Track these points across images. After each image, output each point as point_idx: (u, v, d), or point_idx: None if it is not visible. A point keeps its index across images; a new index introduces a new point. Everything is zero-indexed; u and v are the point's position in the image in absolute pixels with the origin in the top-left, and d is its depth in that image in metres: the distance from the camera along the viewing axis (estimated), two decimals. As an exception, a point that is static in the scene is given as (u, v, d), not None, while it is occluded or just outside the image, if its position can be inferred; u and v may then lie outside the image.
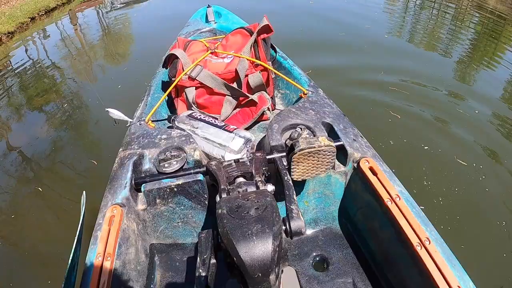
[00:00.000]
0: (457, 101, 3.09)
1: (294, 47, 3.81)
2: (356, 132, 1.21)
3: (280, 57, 1.79)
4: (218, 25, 2.28)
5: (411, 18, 6.83)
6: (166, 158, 1.08)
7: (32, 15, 9.43)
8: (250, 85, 1.44)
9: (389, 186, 0.98)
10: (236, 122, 1.46)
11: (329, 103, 1.36)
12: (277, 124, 1.17)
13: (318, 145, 0.94)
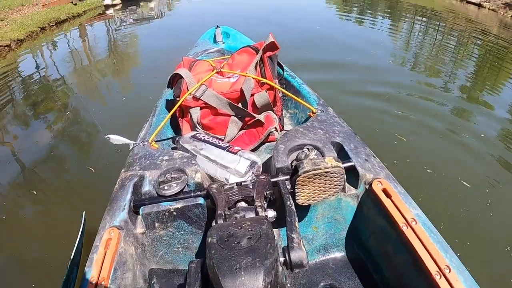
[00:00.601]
0: (461, 124, 3.08)
1: (301, 68, 3.86)
2: (368, 151, 1.15)
3: (288, 76, 1.75)
4: (226, 45, 2.27)
5: (414, 43, 6.86)
6: (166, 180, 1.04)
7: (42, 25, 9.59)
8: (256, 105, 1.39)
9: (404, 209, 0.91)
10: (242, 144, 1.41)
11: (339, 122, 1.31)
12: (283, 144, 1.12)
13: (325, 166, 0.88)
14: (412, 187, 2.12)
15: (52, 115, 3.68)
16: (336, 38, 6.39)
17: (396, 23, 9.73)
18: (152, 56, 5.77)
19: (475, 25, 10.18)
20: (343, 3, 14.63)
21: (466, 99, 3.68)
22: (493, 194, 2.19)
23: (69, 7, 12.56)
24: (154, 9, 13.36)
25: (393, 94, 3.50)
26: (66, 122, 3.43)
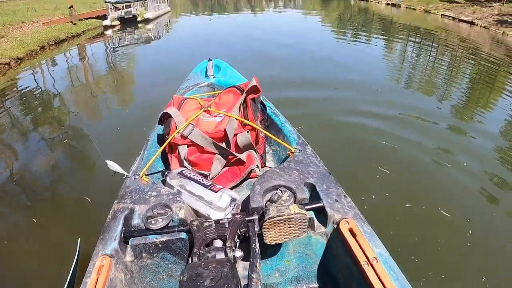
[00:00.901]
0: (444, 155, 3.18)
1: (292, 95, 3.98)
2: (340, 191, 1.22)
3: (272, 114, 1.85)
4: (216, 79, 2.38)
5: (407, 66, 7.05)
6: (153, 216, 1.14)
7: (42, 44, 9.78)
8: (238, 145, 1.49)
9: (367, 248, 0.98)
10: (225, 180, 1.51)
11: (315, 162, 1.40)
12: (260, 185, 1.20)
13: (288, 213, 0.97)
14: (388, 221, 2.23)
15: (52, 140, 3.76)
16: (327, 62, 6.57)
17: (390, 43, 9.96)
18: (149, 77, 5.90)
19: (468, 43, 10.36)
20: (338, 25, 15.02)
21: (452, 130, 3.80)
22: (474, 223, 2.28)
23: (69, 26, 12.79)
24: (151, 31, 13.70)
25: (380, 126, 3.62)
26: (65, 148, 3.51)
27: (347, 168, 2.86)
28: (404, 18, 22.85)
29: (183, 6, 35.90)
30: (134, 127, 3.61)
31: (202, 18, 20.71)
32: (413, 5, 36.00)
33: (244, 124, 1.50)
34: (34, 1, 31.30)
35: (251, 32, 11.50)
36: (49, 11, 17.86)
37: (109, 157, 1.39)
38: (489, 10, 25.89)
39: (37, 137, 3.87)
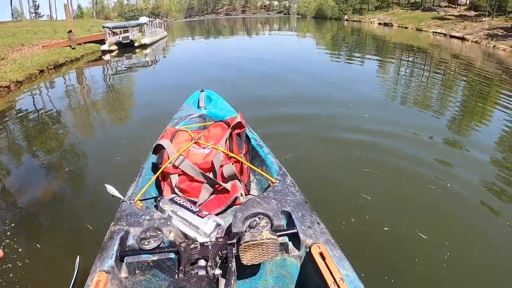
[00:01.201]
0: (427, 177, 3.30)
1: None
2: (314, 219, 1.37)
3: (257, 145, 2.03)
4: (208, 111, 2.57)
5: (402, 86, 7.25)
6: (146, 237, 1.30)
7: (41, 68, 9.98)
8: (224, 175, 1.66)
9: (335, 270, 1.11)
10: (212, 207, 1.67)
11: (293, 191, 1.55)
12: (241, 213, 1.36)
13: (260, 239, 1.13)
14: (366, 243, 2.36)
15: (51, 159, 3.87)
16: (319, 84, 6.81)
17: (383, 63, 10.22)
18: (146, 103, 6.06)
19: (460, 58, 10.61)
20: (332, 47, 15.40)
21: (435, 154, 3.93)
22: (452, 246, 2.37)
23: (68, 50, 13.04)
24: (149, 56, 13.97)
25: (365, 151, 3.78)
26: (65, 169, 3.61)
27: (331, 194, 3.00)
28: (397, 36, 23.42)
29: (179, 30, 36.62)
30: (130, 155, 3.72)
31: (198, 41, 21.16)
32: (405, 24, 37.07)
33: (230, 156, 1.68)
34: (33, 23, 31.85)
35: (246, 55, 11.84)
36: (48, 34, 18.16)
37: (107, 181, 1.55)
38: (479, 24, 26.66)
39: (37, 161, 3.96)
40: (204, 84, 3.03)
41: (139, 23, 19.04)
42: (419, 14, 41.46)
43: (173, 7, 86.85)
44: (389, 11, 51.30)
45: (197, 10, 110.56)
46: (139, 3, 77.67)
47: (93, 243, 1.62)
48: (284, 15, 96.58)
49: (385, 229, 2.53)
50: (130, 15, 65.10)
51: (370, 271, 2.10)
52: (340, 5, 60.19)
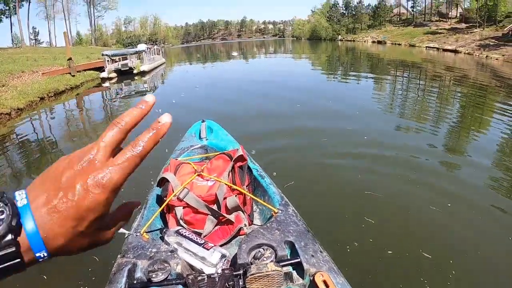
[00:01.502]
0: (428, 199, 3.33)
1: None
2: (317, 247, 1.42)
3: (259, 176, 2.09)
4: (209, 142, 2.64)
5: (399, 105, 7.35)
6: (154, 270, 1.33)
7: (41, 95, 10.11)
8: (227, 207, 1.72)
9: None
10: (217, 238, 1.71)
11: (296, 221, 1.60)
12: (245, 244, 1.40)
13: (266, 271, 1.18)
14: (370, 268, 2.39)
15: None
16: (315, 110, 6.90)
17: (379, 80, 10.37)
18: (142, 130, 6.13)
19: (454, 71, 10.73)
20: (328, 67, 15.62)
21: (434, 172, 4.02)
22: (456, 264, 2.40)
23: (68, 78, 13.20)
24: (147, 83, 14.15)
25: (365, 175, 3.84)
26: None
27: (334, 220, 3.03)
28: (391, 53, 23.72)
29: (177, 56, 37.17)
30: (134, 185, 3.73)
31: (195, 66, 21.45)
32: (398, 41, 37.88)
33: (233, 188, 1.74)
34: (33, 50, 32.32)
35: (242, 77, 12.02)
36: (48, 61, 18.41)
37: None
38: (471, 36, 27.29)
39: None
40: (203, 110, 3.10)
41: (138, 50, 19.40)
42: (411, 30, 42.48)
43: (170, 33, 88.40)
44: (381, 29, 52.53)
45: (194, 35, 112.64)
46: (136, 29, 79.00)
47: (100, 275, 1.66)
48: (279, 38, 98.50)
49: (388, 252, 2.56)
50: (128, 42, 66.24)
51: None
52: (334, 26, 61.62)
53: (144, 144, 0.36)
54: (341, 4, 64.56)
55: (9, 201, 0.32)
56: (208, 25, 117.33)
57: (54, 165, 0.35)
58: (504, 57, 17.65)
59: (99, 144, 0.35)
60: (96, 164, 0.34)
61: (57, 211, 0.32)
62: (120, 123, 0.36)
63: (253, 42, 78.12)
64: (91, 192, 0.32)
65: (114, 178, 0.33)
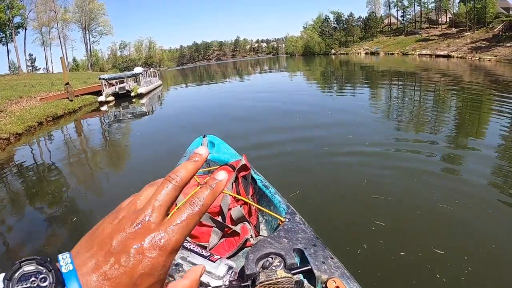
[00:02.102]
0: (436, 198, 3.32)
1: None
2: (327, 254, 1.37)
3: (263, 186, 2.06)
4: (211, 156, 2.60)
5: (396, 110, 7.40)
6: None
7: (40, 120, 10.13)
8: (232, 218, 1.69)
9: None
10: (223, 250, 1.67)
11: (304, 229, 1.56)
12: (253, 254, 1.35)
13: (276, 277, 1.12)
14: (383, 271, 2.34)
15: (50, 211, 3.84)
16: (315, 121, 6.95)
17: (374, 91, 10.45)
18: (145, 151, 6.10)
19: (448, 76, 10.80)
20: (323, 81, 15.73)
21: (441, 170, 4.04)
22: (471, 260, 2.36)
23: (66, 103, 13.27)
24: (145, 105, 14.21)
25: (370, 179, 3.83)
26: (73, 224, 3.57)
27: (344, 226, 2.99)
28: (384, 64, 23.91)
29: (173, 78, 37.48)
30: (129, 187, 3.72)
31: (192, 88, 21.58)
32: (390, 50, 38.35)
33: (237, 199, 1.72)
34: (30, 76, 32.55)
35: (240, 96, 12.08)
36: (45, 87, 18.54)
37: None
38: (462, 40, 27.59)
39: (40, 214, 3.95)
40: (203, 128, 3.10)
41: (134, 73, 19.50)
42: (403, 39, 43.13)
43: (165, 56, 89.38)
44: (373, 40, 53.32)
45: (189, 57, 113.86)
46: (132, 54, 79.79)
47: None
48: (273, 56, 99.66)
49: (401, 254, 2.52)
50: (124, 66, 66.78)
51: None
52: (326, 40, 62.46)
53: (202, 202, 0.33)
54: (332, 18, 65.53)
55: (53, 267, 0.29)
56: (202, 46, 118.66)
57: (101, 225, 0.33)
58: (496, 57, 17.83)
59: (153, 204, 0.32)
60: (152, 226, 0.31)
61: (107, 279, 0.29)
62: (175, 179, 0.34)
63: (247, 61, 78.92)
64: (146, 256, 0.30)
65: (173, 240, 0.31)
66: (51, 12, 56.13)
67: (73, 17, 59.68)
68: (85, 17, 60.13)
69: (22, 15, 48.77)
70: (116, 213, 0.34)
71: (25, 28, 50.71)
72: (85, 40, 62.12)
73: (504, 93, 8.36)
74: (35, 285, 0.27)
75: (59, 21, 57.72)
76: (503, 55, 18.05)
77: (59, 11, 57.36)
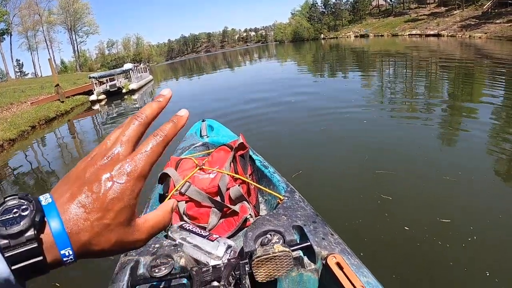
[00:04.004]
0: (439, 170, 3.32)
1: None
2: (327, 230, 1.36)
3: (262, 166, 2.05)
4: (210, 139, 2.63)
5: (388, 89, 7.43)
6: (157, 265, 1.26)
7: (32, 124, 10.03)
8: (231, 197, 1.68)
9: (354, 278, 1.08)
10: (222, 231, 1.66)
11: (303, 206, 1.55)
12: (251, 232, 1.35)
13: (273, 252, 1.11)
14: (386, 243, 2.35)
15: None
16: (310, 102, 6.96)
17: (366, 72, 10.45)
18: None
19: (439, 53, 10.83)
20: (314, 67, 15.69)
21: (441, 141, 4.08)
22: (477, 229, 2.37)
23: (57, 104, 13.15)
24: (138, 100, 14.13)
25: (372, 155, 3.83)
26: None
27: (347, 202, 3.00)
28: (375, 46, 23.80)
29: (163, 73, 37.19)
30: None
31: (182, 81, 21.44)
32: (380, 32, 38.27)
33: (235, 178, 1.70)
34: (19, 82, 32.25)
35: (232, 85, 12.01)
36: (35, 91, 18.37)
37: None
38: (451, 19, 27.58)
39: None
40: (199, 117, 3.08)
41: (124, 69, 19.37)
42: (392, 20, 43.00)
43: (153, 52, 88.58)
44: (362, 22, 53.09)
45: (178, 51, 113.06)
46: (120, 51, 79.05)
47: (105, 275, 1.60)
48: (262, 44, 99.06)
49: (405, 229, 2.51)
50: (113, 65, 66.15)
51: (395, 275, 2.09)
52: (315, 25, 62.18)
53: (166, 133, 0.37)
54: (320, 3, 65.15)
55: (33, 199, 0.31)
56: (191, 39, 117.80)
57: (76, 166, 0.35)
58: (486, 34, 17.91)
59: (121, 140, 0.35)
60: (120, 157, 0.34)
61: (82, 206, 0.32)
62: (140, 117, 0.37)
63: (237, 51, 78.37)
64: (116, 182, 0.33)
65: (139, 167, 0.34)
66: (35, 15, 55.49)
67: (58, 19, 59.00)
68: (70, 18, 59.39)
69: (6, 21, 48.20)
70: (89, 154, 0.36)
71: (10, 34, 50.14)
72: (72, 41, 61.52)
73: (497, 70, 8.34)
74: (17, 215, 0.30)
75: (44, 24, 57.07)
76: (493, 32, 18.10)
77: (43, 13, 56.69)
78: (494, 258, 2.13)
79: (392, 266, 2.20)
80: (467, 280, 2.02)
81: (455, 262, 2.13)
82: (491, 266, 2.06)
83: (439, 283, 2.03)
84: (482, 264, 2.09)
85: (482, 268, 2.06)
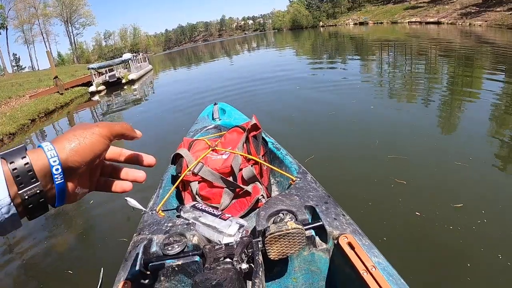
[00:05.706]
0: (450, 150, 3.35)
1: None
2: (339, 211, 1.37)
3: (275, 148, 2.05)
4: (222, 121, 2.63)
5: (387, 78, 7.40)
6: (170, 243, 1.29)
7: (32, 117, 9.96)
8: (244, 178, 1.67)
9: (365, 258, 1.09)
10: (234, 211, 1.67)
11: (315, 187, 1.56)
12: (264, 211, 1.35)
13: (286, 229, 1.11)
14: (398, 225, 2.36)
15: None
16: (315, 89, 6.91)
17: (365, 61, 10.39)
18: (151, 130, 6.10)
19: (440, 42, 10.73)
20: (313, 54, 15.60)
21: (447, 127, 4.06)
22: (488, 211, 2.37)
23: (56, 97, 13.09)
24: (138, 91, 14.00)
25: (383, 139, 3.83)
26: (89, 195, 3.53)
27: (358, 186, 2.99)
28: (374, 33, 23.60)
29: (161, 63, 36.96)
30: (150, 169, 3.68)
31: (181, 71, 21.30)
32: (379, 20, 37.95)
33: (248, 159, 1.70)
34: (16, 76, 32.10)
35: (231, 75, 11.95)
36: (33, 84, 18.27)
37: (128, 195, 1.57)
38: (451, 6, 27.29)
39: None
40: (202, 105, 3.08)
41: (124, 59, 19.21)
42: (391, 7, 42.52)
43: (151, 42, 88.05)
44: (361, 10, 52.60)
45: (175, 41, 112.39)
46: (117, 42, 78.55)
47: (117, 255, 1.61)
48: (260, 32, 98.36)
49: (416, 214, 2.50)
50: (110, 56, 65.82)
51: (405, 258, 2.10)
52: (314, 13, 61.70)
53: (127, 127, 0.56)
54: (318, -10, 64.51)
55: None
56: (188, 28, 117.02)
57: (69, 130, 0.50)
58: (487, 22, 17.73)
59: (103, 123, 0.52)
60: (99, 124, 0.51)
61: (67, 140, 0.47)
62: (128, 129, 0.57)
63: (235, 39, 77.82)
64: (90, 136, 0.48)
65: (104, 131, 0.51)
66: (30, 8, 55.02)
67: (53, 11, 58.50)
68: (66, 9, 58.89)
69: (2, 15, 47.78)
70: None
71: (6, 28, 49.73)
72: (69, 34, 61.11)
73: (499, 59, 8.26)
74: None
75: (40, 17, 56.64)
76: (493, 20, 17.91)
77: (38, 6, 56.23)
78: (506, 242, 2.12)
79: (402, 249, 2.20)
80: (480, 262, 2.02)
81: (467, 246, 2.13)
82: (503, 249, 2.05)
83: (450, 266, 2.03)
84: (495, 247, 2.08)
85: (494, 251, 2.05)
